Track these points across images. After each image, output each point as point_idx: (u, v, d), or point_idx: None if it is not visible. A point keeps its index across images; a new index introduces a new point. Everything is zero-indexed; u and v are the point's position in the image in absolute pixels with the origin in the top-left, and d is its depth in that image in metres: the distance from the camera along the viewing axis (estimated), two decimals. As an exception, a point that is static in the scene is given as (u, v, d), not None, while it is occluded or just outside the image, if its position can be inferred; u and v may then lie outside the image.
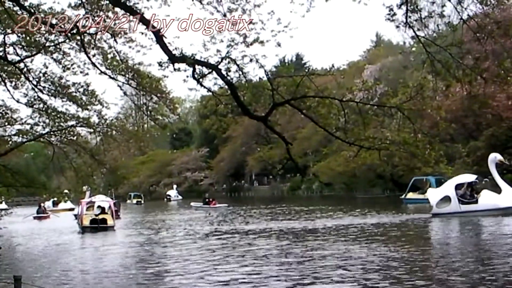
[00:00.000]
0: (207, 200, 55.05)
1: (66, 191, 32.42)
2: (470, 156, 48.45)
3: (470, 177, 32.47)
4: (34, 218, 48.84)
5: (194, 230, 30.55)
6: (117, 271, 17.70)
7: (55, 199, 45.21)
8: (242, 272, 15.91)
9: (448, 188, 31.69)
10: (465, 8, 8.52)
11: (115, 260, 20.44)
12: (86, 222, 33.69)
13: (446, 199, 31.28)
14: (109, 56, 13.10)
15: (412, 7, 8.60)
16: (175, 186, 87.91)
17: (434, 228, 27.16)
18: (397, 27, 8.75)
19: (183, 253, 21.12)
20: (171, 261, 19.16)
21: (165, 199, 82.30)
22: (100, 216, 33.89)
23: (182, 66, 9.64)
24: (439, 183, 47.72)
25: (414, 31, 8.87)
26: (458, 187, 31.49)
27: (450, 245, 21.24)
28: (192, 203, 58.24)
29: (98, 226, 32.86)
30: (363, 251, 18.80)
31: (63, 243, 27.72)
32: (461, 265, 15.69)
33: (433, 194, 32.35)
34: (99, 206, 35.23)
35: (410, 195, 48.87)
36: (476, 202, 30.81)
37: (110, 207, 35.58)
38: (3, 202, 35.52)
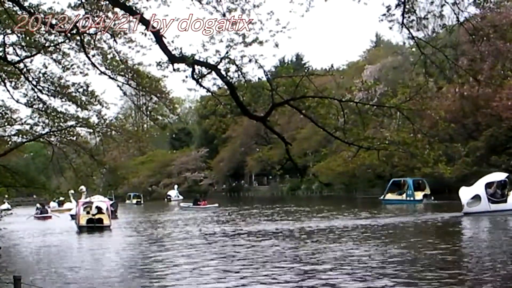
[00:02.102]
0: (197, 200, 55.43)
1: (71, 191, 32.64)
2: (470, 156, 48.47)
3: (500, 176, 32.26)
4: (39, 218, 49.17)
5: (190, 230, 30.59)
6: (115, 271, 17.77)
7: (61, 198, 45.55)
8: (238, 272, 15.95)
9: (478, 187, 31.38)
10: (462, 11, 8.51)
11: (113, 260, 20.48)
12: (83, 222, 34.18)
13: (477, 198, 30.96)
14: (109, 56, 13.09)
15: (408, 7, 8.59)
16: (176, 186, 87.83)
17: (465, 227, 27.01)
18: (390, 28, 8.75)
19: (178, 253, 21.20)
20: (168, 261, 19.21)
21: (166, 199, 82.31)
22: (97, 216, 34.37)
23: (182, 66, 9.63)
24: (416, 185, 48.59)
25: (409, 32, 8.86)
26: (488, 185, 31.22)
27: (480, 244, 21.21)
28: (181, 204, 58.56)
29: (94, 225, 33.38)
30: (401, 250, 18.89)
31: (62, 243, 27.78)
32: (490, 263, 15.83)
33: (464, 193, 31.72)
34: (96, 207, 35.56)
35: (389, 196, 49.45)
36: (506, 201, 30.51)
37: (107, 207, 35.90)
38: (6, 202, 35.70)
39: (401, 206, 43.53)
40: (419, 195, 47.65)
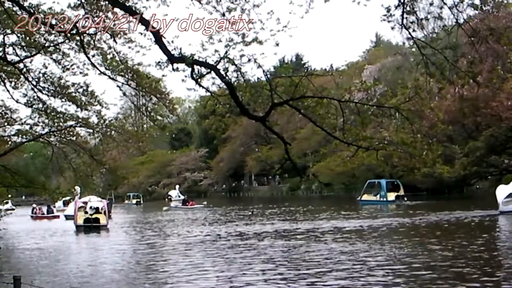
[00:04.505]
0: (185, 201, 58.96)
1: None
2: (470, 157, 48.47)
3: None
4: (47, 218, 49.80)
5: (186, 230, 30.66)
6: (113, 270, 17.80)
7: (66, 198, 45.98)
8: (231, 272, 15.99)
9: None
10: (461, 12, 8.51)
11: (112, 259, 20.50)
12: (80, 222, 34.67)
13: (511, 197, 31.01)
14: (109, 56, 13.11)
15: (408, 9, 8.60)
16: (177, 187, 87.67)
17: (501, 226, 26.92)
18: (392, 28, 8.76)
19: (175, 252, 21.26)
20: (165, 260, 19.29)
21: (166, 199, 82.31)
22: (94, 216, 34.82)
23: (181, 66, 9.64)
24: (391, 185, 49.90)
25: (409, 33, 8.86)
26: None
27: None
28: (172, 204, 60.85)
29: (91, 225, 33.81)
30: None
31: (62, 243, 27.81)
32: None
33: (500, 192, 31.66)
34: (91, 207, 35.88)
35: (365, 196, 50.39)
36: None
37: (103, 206, 36.32)
38: (9, 202, 35.99)
39: (376, 207, 44.28)
40: (391, 196, 48.36)
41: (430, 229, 25.58)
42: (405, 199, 47.40)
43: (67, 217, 45.06)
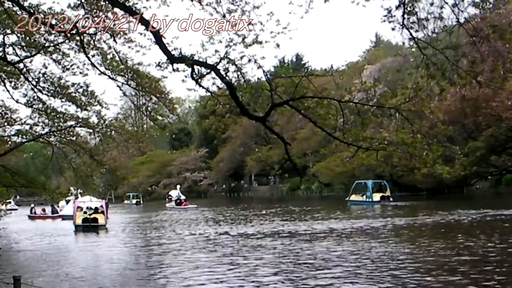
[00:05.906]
0: (179, 201, 61.41)
1: (79, 191, 32.98)
2: (470, 157, 48.48)
3: None
4: (51, 218, 50.10)
5: (182, 231, 30.68)
6: (113, 270, 17.79)
7: (69, 198, 46.20)
8: (231, 272, 16.00)
9: None
10: (462, 11, 8.51)
11: (111, 259, 20.51)
12: (79, 221, 34.82)
13: None
14: (109, 56, 13.12)
15: (408, 9, 8.59)
16: (178, 187, 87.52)
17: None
18: (393, 29, 8.75)
19: (173, 251, 21.28)
20: (164, 260, 19.27)
21: (167, 199, 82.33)
22: (92, 216, 35.02)
23: (181, 66, 9.65)
24: (378, 186, 50.18)
25: (410, 33, 8.84)
26: None
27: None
28: (167, 204, 63.20)
29: (89, 225, 33.95)
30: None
31: (62, 243, 27.79)
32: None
33: None
34: (88, 207, 36.00)
35: (353, 197, 50.82)
36: None
37: (101, 206, 36.52)
38: (12, 202, 35.99)
39: (363, 207, 44.52)
40: (377, 197, 48.86)
41: (428, 230, 25.62)
42: (391, 199, 47.78)
43: (64, 218, 45.27)
